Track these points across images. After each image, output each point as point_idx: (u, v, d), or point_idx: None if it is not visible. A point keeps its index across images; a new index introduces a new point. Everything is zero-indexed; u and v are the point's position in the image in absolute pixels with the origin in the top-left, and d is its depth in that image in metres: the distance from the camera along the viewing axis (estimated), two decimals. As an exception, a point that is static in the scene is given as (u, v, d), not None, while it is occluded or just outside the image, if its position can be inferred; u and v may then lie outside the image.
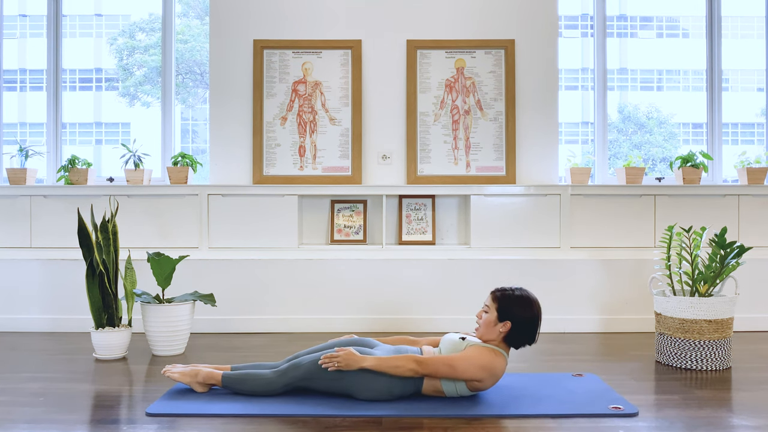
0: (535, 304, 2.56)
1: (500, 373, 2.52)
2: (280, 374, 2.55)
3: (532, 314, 2.53)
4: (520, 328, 2.52)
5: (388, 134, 4.26)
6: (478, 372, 2.45)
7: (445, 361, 2.46)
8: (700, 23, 4.65)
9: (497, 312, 2.54)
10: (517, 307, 2.53)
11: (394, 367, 2.46)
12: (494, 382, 2.53)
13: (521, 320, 2.52)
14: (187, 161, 4.21)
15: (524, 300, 2.55)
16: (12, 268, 4.02)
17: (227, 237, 4.06)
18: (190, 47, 4.98)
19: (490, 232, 4.06)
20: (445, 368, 2.45)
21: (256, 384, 2.56)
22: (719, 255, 3.12)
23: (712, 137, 4.54)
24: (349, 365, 2.48)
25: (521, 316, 2.52)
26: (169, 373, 2.66)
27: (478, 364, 2.45)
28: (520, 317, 2.52)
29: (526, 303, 2.54)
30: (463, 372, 2.45)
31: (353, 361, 2.48)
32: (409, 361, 2.46)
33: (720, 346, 3.11)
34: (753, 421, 2.35)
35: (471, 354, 2.48)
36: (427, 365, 2.46)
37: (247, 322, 3.96)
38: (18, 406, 2.52)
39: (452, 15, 4.28)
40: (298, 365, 2.54)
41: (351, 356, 2.48)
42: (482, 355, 2.48)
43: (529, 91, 4.27)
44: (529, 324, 2.53)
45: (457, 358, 2.46)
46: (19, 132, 4.82)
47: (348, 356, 2.48)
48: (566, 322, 3.98)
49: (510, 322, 2.51)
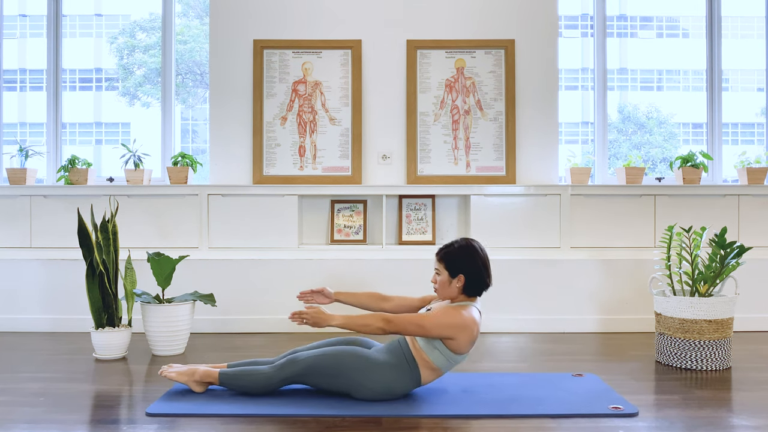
0: (478, 249, 2.60)
1: (472, 325, 2.50)
2: (277, 369, 2.55)
3: (479, 259, 2.57)
4: (473, 276, 2.56)
5: (388, 134, 4.26)
6: (446, 330, 2.46)
7: (413, 320, 2.48)
8: (700, 23, 4.65)
9: (447, 270, 2.57)
10: (463, 259, 2.56)
11: (362, 326, 2.49)
12: (471, 337, 2.51)
13: (472, 269, 2.56)
14: (187, 161, 4.21)
15: (467, 249, 2.58)
16: (12, 268, 4.02)
17: (227, 237, 4.06)
18: (189, 47, 4.98)
19: (490, 232, 4.06)
20: (413, 327, 2.47)
21: (254, 380, 2.56)
22: (719, 255, 3.12)
23: (712, 137, 4.54)
24: (317, 323, 2.52)
25: (470, 265, 2.56)
26: (165, 373, 2.66)
27: (444, 323, 2.46)
28: (469, 267, 2.56)
29: (470, 251, 2.58)
30: (430, 329, 2.46)
31: (321, 319, 2.52)
32: (377, 320, 2.48)
33: (720, 346, 3.11)
34: (753, 421, 2.35)
35: (437, 313, 2.50)
36: (395, 324, 2.47)
37: (247, 322, 3.96)
38: (18, 406, 2.52)
39: (452, 15, 4.28)
40: (296, 360, 2.54)
41: (320, 314, 2.52)
42: (447, 312, 2.50)
43: (529, 91, 4.27)
44: (480, 269, 2.57)
45: (425, 317, 2.49)
46: (19, 132, 4.83)
47: (317, 313, 2.52)
48: (566, 322, 3.98)
49: (462, 275, 2.55)
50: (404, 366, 2.51)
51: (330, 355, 2.52)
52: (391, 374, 2.49)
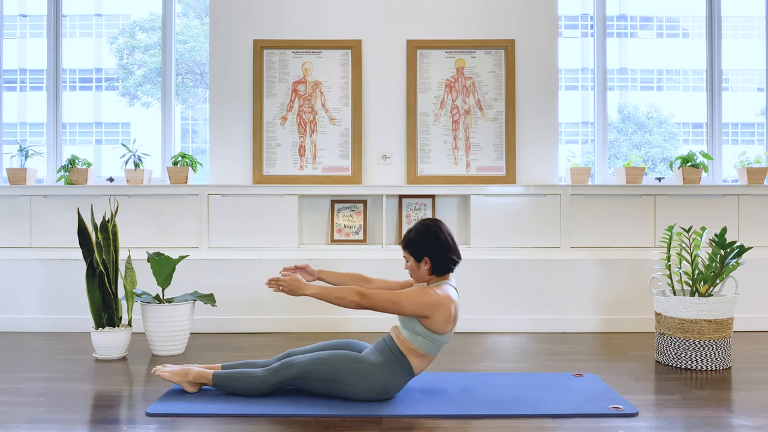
0: (436, 228, 2.62)
1: (447, 302, 2.51)
2: (271, 373, 2.55)
3: (440, 239, 2.59)
4: (438, 256, 2.58)
5: (388, 134, 4.26)
6: (421, 308, 2.48)
7: (389, 296, 2.49)
8: (700, 23, 4.65)
9: (413, 256, 2.60)
10: (424, 242, 2.58)
11: (337, 298, 2.50)
12: (448, 315, 2.51)
13: (435, 250, 2.58)
14: (187, 161, 4.21)
15: (425, 231, 2.60)
16: (12, 268, 4.02)
17: (227, 237, 4.06)
18: (189, 47, 4.98)
19: (490, 232, 4.06)
20: (388, 303, 2.49)
21: (247, 382, 2.56)
22: (719, 255, 3.12)
23: (712, 137, 4.54)
24: (293, 290, 2.54)
25: (432, 247, 2.58)
26: (159, 372, 2.66)
27: (419, 301, 2.48)
28: (432, 248, 2.57)
29: (429, 232, 2.60)
30: (405, 307, 2.48)
31: (297, 287, 2.54)
32: (352, 293, 2.50)
33: (720, 346, 3.11)
34: (753, 421, 2.35)
35: (412, 291, 2.53)
36: (370, 299, 2.49)
37: (247, 322, 3.96)
38: (18, 406, 2.52)
39: (452, 15, 4.28)
40: (290, 365, 2.54)
41: (296, 281, 2.55)
42: (422, 291, 2.51)
43: (529, 91, 4.27)
44: (442, 248, 2.58)
45: (399, 293, 2.51)
46: (19, 132, 4.82)
47: (293, 281, 2.55)
48: (566, 322, 3.98)
49: (427, 257, 2.57)
50: (394, 360, 2.52)
51: (323, 359, 2.52)
52: (384, 372, 2.50)
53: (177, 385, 2.71)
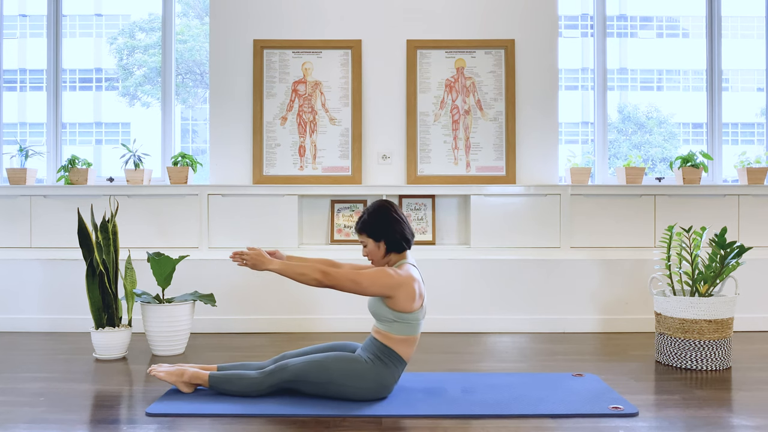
0: (388, 207, 2.65)
1: (409, 281, 2.52)
2: (266, 375, 2.56)
3: (390, 218, 2.62)
4: (392, 236, 2.61)
5: (388, 134, 4.26)
6: (382, 288, 2.50)
7: (350, 275, 2.51)
8: (700, 23, 4.65)
9: (371, 238, 2.63)
10: (379, 222, 2.61)
11: (299, 275, 2.52)
12: (411, 292, 2.52)
13: (387, 230, 2.61)
14: (187, 161, 4.21)
15: (376, 214, 2.63)
16: (12, 268, 4.02)
17: (227, 237, 4.06)
18: (189, 47, 4.98)
19: (490, 232, 4.06)
20: (350, 283, 2.50)
21: (242, 384, 2.56)
22: (719, 255, 3.12)
23: (712, 137, 4.54)
24: (256, 265, 2.56)
25: (385, 228, 2.61)
26: (154, 372, 2.66)
27: (379, 282, 2.50)
28: (387, 227, 2.61)
29: (380, 215, 2.63)
30: (367, 287, 2.49)
31: (260, 262, 2.56)
32: (314, 271, 2.51)
33: (720, 346, 3.11)
34: (753, 421, 2.35)
35: (373, 271, 2.55)
36: (332, 277, 2.51)
37: (247, 322, 3.96)
38: (18, 406, 2.52)
39: (452, 15, 4.28)
40: (285, 367, 2.55)
41: (260, 256, 2.57)
42: (381, 273, 2.52)
43: (529, 91, 4.27)
44: (394, 227, 2.61)
45: (361, 273, 2.53)
46: (19, 132, 4.82)
47: (257, 255, 2.57)
48: (566, 322, 3.98)
49: (384, 236, 2.60)
50: (382, 355, 2.53)
51: (317, 362, 2.53)
52: (377, 368, 2.51)
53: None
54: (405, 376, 2.87)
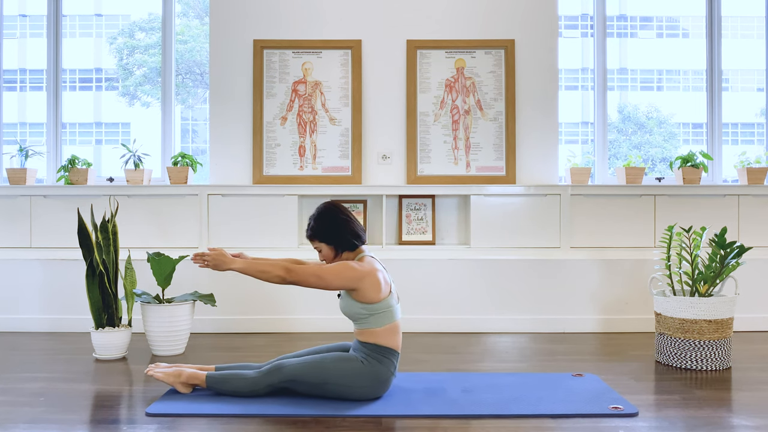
0: (329, 212, 2.64)
1: (371, 270, 2.53)
2: (263, 375, 2.56)
3: (338, 219, 2.63)
4: (343, 236, 2.62)
5: (388, 134, 4.26)
6: (345, 281, 2.51)
7: (314, 270, 2.51)
8: (700, 23, 4.65)
9: (324, 243, 2.63)
10: (326, 229, 2.62)
11: (261, 272, 2.52)
12: (376, 282, 2.52)
13: (337, 232, 2.61)
14: (187, 161, 4.21)
15: (323, 219, 2.63)
16: (12, 268, 4.02)
17: (227, 237, 4.06)
18: (189, 47, 4.98)
19: (490, 232, 4.06)
20: (313, 278, 2.51)
21: (239, 385, 2.56)
22: (719, 255, 3.12)
23: (712, 137, 4.54)
24: (218, 266, 2.55)
25: (335, 230, 2.61)
26: (152, 372, 2.66)
27: (342, 275, 2.50)
28: (335, 232, 2.61)
29: (327, 218, 2.63)
30: (330, 281, 2.50)
31: (222, 262, 2.55)
32: (276, 268, 2.51)
33: (720, 346, 3.11)
34: (753, 421, 2.35)
35: (335, 266, 2.54)
36: (295, 273, 2.50)
37: (247, 322, 3.96)
38: (18, 406, 2.52)
39: (452, 15, 4.28)
40: (282, 368, 2.55)
41: (221, 256, 2.56)
42: (344, 266, 2.52)
43: (529, 91, 4.27)
44: (343, 228, 2.62)
45: (323, 267, 2.53)
46: (19, 132, 4.82)
47: (219, 255, 2.56)
48: (566, 322, 3.98)
49: (336, 238, 2.62)
50: (371, 353, 2.53)
51: (313, 363, 2.53)
52: (371, 365, 2.51)
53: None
54: (405, 376, 2.87)
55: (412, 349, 3.45)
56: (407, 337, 3.68)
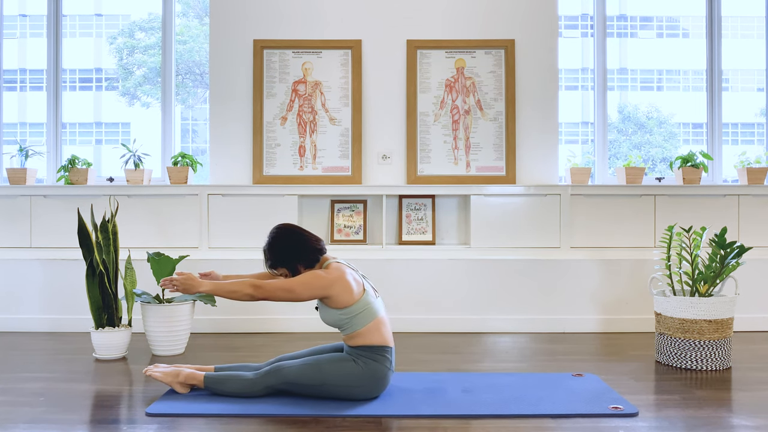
0: (280, 239, 2.60)
1: (340, 275, 2.51)
2: (261, 376, 2.56)
3: (291, 243, 2.59)
4: (303, 257, 2.59)
5: (388, 134, 4.26)
6: (315, 290, 2.50)
7: (282, 285, 2.50)
8: (700, 23, 4.65)
9: (286, 269, 2.59)
10: (284, 257, 2.58)
11: (230, 292, 2.52)
12: (347, 286, 2.52)
13: (296, 255, 2.58)
14: (187, 161, 4.21)
15: (277, 248, 2.59)
16: (12, 268, 4.02)
17: (227, 237, 4.06)
18: (189, 48, 4.98)
19: (490, 232, 4.06)
20: (282, 292, 2.50)
21: (237, 386, 2.56)
22: (719, 255, 3.12)
23: (712, 137, 4.54)
24: (187, 289, 2.55)
25: (292, 254, 2.58)
26: (150, 372, 2.66)
27: (311, 285, 2.50)
28: (293, 256, 2.58)
29: (281, 246, 2.58)
30: (300, 293, 2.50)
31: (191, 286, 2.55)
32: (245, 286, 2.51)
33: (720, 346, 3.11)
34: (753, 421, 2.35)
35: (303, 277, 2.53)
36: (264, 289, 2.50)
37: (247, 322, 3.96)
38: (18, 406, 2.52)
39: (452, 15, 4.28)
40: (280, 370, 2.55)
41: (190, 280, 2.55)
42: (312, 276, 2.51)
43: (529, 91, 4.27)
44: (300, 249, 2.59)
45: (292, 281, 2.52)
46: (19, 132, 4.82)
47: (187, 279, 2.55)
48: (566, 322, 3.98)
49: (296, 261, 2.58)
50: (363, 354, 2.52)
51: (311, 365, 2.53)
52: (367, 366, 2.51)
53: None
54: (405, 376, 2.87)
55: (412, 349, 3.45)
56: (407, 337, 3.68)
